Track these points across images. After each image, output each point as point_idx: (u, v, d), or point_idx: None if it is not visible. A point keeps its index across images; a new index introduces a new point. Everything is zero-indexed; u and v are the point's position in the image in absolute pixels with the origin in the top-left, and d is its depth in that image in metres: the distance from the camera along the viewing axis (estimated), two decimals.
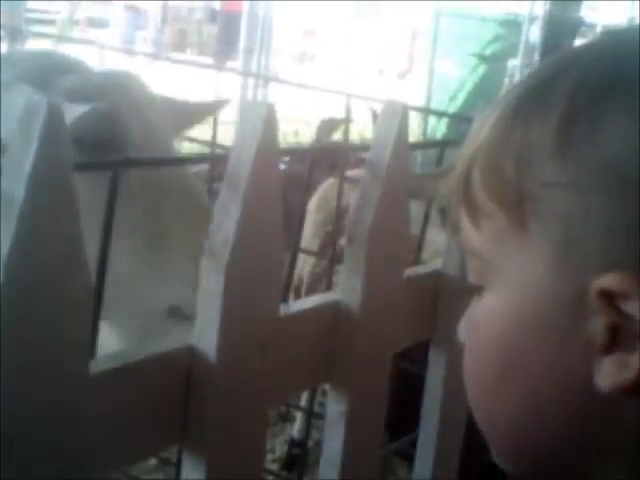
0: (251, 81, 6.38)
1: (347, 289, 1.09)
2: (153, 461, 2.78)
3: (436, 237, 1.57)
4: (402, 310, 1.17)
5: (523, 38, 6.85)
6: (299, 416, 3.16)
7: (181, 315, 1.09)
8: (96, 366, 0.79)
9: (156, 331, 1.21)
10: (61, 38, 4.75)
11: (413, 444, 1.40)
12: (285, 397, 1.33)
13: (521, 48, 6.82)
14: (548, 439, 0.51)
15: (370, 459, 1.19)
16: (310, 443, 2.75)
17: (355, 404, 1.12)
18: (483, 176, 0.51)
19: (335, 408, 1.12)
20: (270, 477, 3.00)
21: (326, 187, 2.50)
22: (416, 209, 1.35)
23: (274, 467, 3.09)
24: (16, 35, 2.91)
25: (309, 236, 2.44)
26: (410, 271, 1.24)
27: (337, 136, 3.90)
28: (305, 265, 2.47)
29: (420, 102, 6.69)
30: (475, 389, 0.54)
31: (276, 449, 3.27)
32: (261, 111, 0.87)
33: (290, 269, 1.10)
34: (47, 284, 0.70)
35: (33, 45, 3.14)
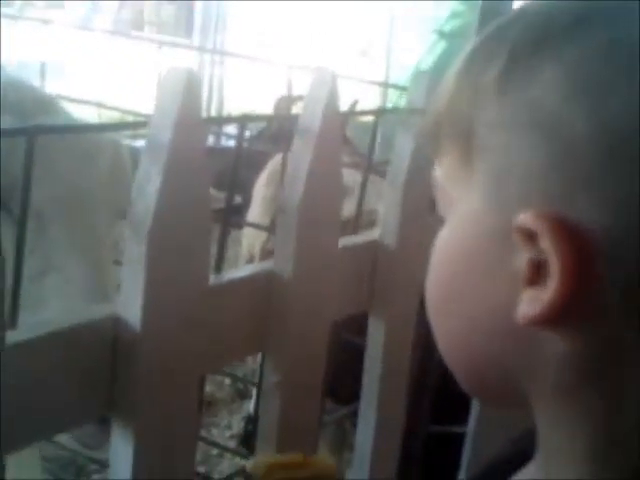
0: (208, 59, 6.34)
1: (279, 258, 1.08)
2: None
3: (374, 206, 1.58)
4: (338, 279, 1.17)
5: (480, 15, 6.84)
6: (254, 392, 3.17)
7: None
8: (15, 335, 0.78)
9: None
10: (18, 17, 4.68)
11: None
12: (218, 366, 1.33)
13: (477, 25, 6.82)
14: (481, 360, 0.56)
15: (307, 429, 1.19)
16: None
17: (290, 373, 1.12)
18: (446, 117, 0.57)
19: (270, 377, 1.12)
20: (227, 453, 3.01)
21: (275, 162, 2.49)
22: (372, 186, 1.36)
23: (232, 444, 3.09)
24: None
25: (260, 212, 2.43)
26: (346, 240, 1.24)
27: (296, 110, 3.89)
28: (256, 241, 2.46)
29: (381, 78, 6.68)
30: (429, 310, 0.59)
31: (233, 426, 3.27)
32: (181, 76, 0.86)
33: (221, 240, 1.09)
34: None
35: None
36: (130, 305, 0.88)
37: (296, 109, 3.80)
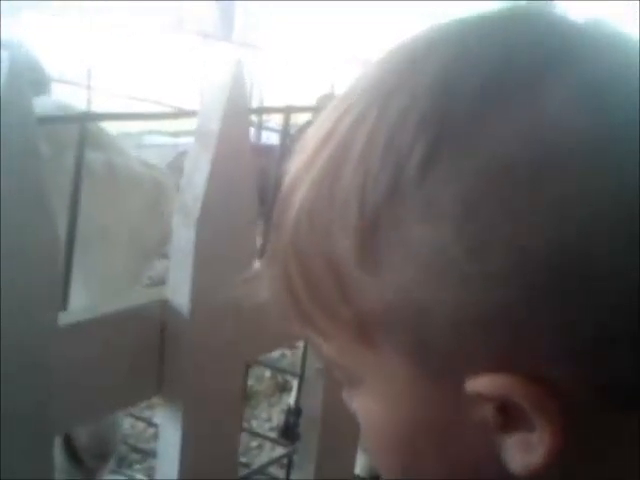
0: (248, 56, 6.39)
1: None
2: (151, 430, 2.81)
3: None
4: None
5: None
6: (295, 384, 3.19)
7: None
8: (65, 318, 0.81)
9: None
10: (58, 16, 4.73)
11: None
12: (263, 352, 1.35)
13: None
14: None
15: (350, 416, 1.20)
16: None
17: None
18: (307, 288, 0.45)
19: (314, 364, 1.14)
20: (266, 446, 3.04)
21: None
22: None
23: (272, 436, 3.11)
24: None
25: None
26: None
27: None
28: None
29: None
30: (387, 472, 0.51)
31: (273, 418, 3.29)
32: (230, 68, 0.88)
33: (264, 228, 1.11)
34: (13, 233, 0.71)
35: None
36: (178, 290, 0.90)
37: None
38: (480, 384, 0.41)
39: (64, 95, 1.70)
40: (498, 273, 0.39)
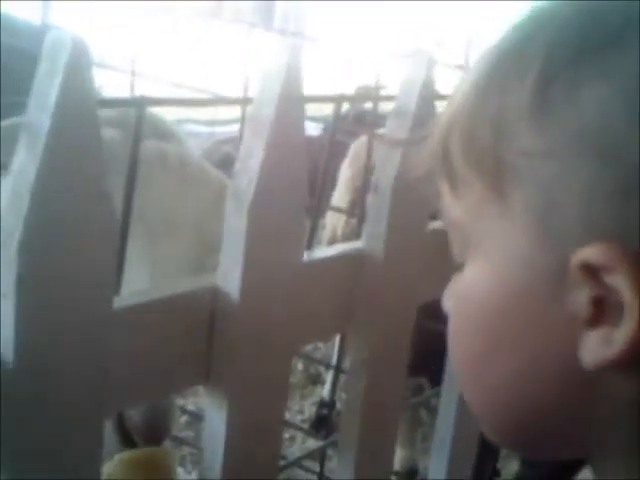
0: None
1: (370, 237, 1.09)
2: (184, 418, 2.82)
3: None
4: (426, 261, 1.18)
5: None
6: (329, 377, 3.19)
7: None
8: (120, 302, 0.81)
9: None
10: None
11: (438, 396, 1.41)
12: (309, 341, 1.35)
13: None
14: (534, 408, 0.50)
15: (390, 408, 1.20)
16: (339, 405, 2.78)
17: (376, 353, 1.13)
18: (461, 144, 0.49)
19: (356, 356, 1.13)
20: (298, 438, 3.04)
21: (358, 145, 2.53)
22: None
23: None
24: None
25: (342, 193, 2.45)
26: (436, 224, 1.24)
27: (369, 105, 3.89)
28: (338, 223, 2.49)
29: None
30: (463, 359, 0.53)
31: (305, 410, 3.31)
32: (285, 53, 0.87)
33: (313, 217, 1.11)
34: (71, 216, 0.72)
35: None
36: (229, 277, 0.90)
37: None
38: (590, 252, 0.43)
39: (106, 81, 1.71)
40: None
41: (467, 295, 0.52)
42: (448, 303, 0.55)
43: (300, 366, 3.54)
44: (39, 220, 0.69)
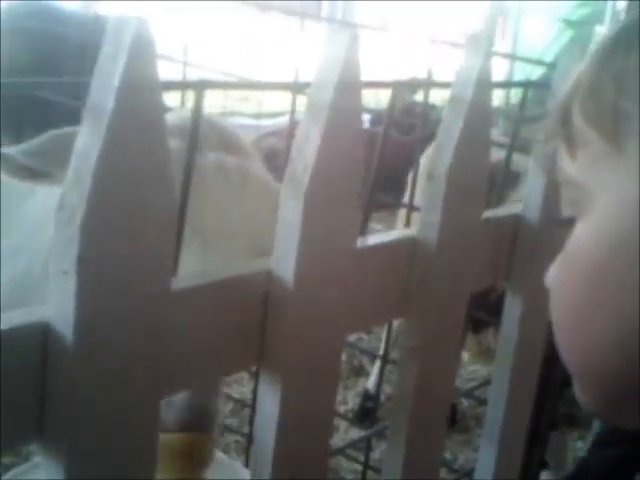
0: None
1: (424, 224, 1.09)
2: (229, 405, 2.84)
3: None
4: (479, 250, 1.17)
5: (610, 3, 6.63)
6: (375, 370, 3.19)
7: None
8: (177, 283, 0.81)
9: None
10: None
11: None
12: (362, 328, 1.35)
13: (607, 13, 6.62)
14: (634, 362, 0.49)
15: (442, 396, 1.19)
16: (382, 398, 2.78)
17: (428, 341, 1.13)
18: (582, 101, 0.53)
19: (407, 344, 1.13)
20: (340, 428, 3.05)
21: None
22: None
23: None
24: None
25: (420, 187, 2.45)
26: (489, 212, 1.24)
27: (419, 97, 3.87)
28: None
29: (505, 66, 6.56)
30: (566, 315, 0.54)
31: (349, 401, 3.30)
32: (345, 38, 0.87)
33: (366, 204, 1.11)
34: (133, 198, 0.72)
35: None
36: (284, 261, 0.90)
37: (420, 95, 3.79)
38: None
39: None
40: None
41: (578, 248, 0.54)
42: (550, 277, 0.58)
43: (343, 357, 3.54)
44: (101, 201, 0.70)
